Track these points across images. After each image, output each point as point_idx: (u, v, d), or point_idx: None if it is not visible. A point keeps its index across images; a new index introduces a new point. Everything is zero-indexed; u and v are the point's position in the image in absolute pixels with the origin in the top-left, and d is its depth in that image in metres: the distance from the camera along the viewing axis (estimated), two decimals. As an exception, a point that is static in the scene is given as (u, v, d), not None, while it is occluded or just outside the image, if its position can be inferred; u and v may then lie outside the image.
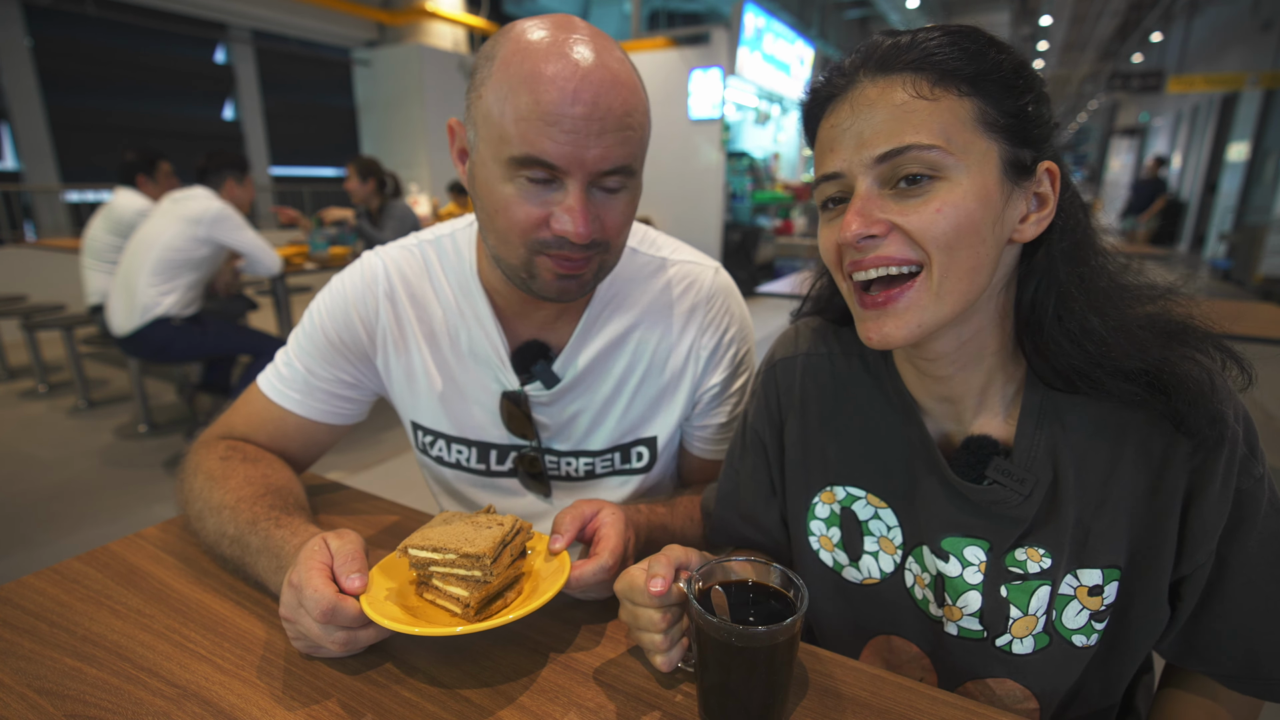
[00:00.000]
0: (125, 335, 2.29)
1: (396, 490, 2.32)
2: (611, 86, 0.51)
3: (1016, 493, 0.48)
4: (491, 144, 0.53)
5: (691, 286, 0.70)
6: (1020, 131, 0.43)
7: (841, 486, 0.57)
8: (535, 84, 0.50)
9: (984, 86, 0.42)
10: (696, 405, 0.72)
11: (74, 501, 2.19)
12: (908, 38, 0.44)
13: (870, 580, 0.56)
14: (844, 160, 0.44)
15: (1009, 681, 0.51)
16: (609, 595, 0.56)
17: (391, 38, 6.54)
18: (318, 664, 0.49)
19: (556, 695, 0.47)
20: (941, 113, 0.42)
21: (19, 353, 3.79)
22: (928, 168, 0.42)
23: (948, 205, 0.42)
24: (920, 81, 0.42)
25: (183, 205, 2.31)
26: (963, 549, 0.50)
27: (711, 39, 5.88)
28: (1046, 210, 0.45)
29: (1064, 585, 0.48)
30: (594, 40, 0.53)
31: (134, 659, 0.49)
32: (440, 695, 0.47)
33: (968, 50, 0.42)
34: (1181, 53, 9.75)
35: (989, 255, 0.44)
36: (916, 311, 0.44)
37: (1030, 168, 0.44)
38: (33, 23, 4.48)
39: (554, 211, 0.53)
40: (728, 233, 6.31)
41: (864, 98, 0.44)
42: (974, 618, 0.50)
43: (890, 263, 0.44)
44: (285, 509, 0.59)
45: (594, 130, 0.51)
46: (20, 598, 0.56)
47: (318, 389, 0.69)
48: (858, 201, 0.44)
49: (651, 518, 0.63)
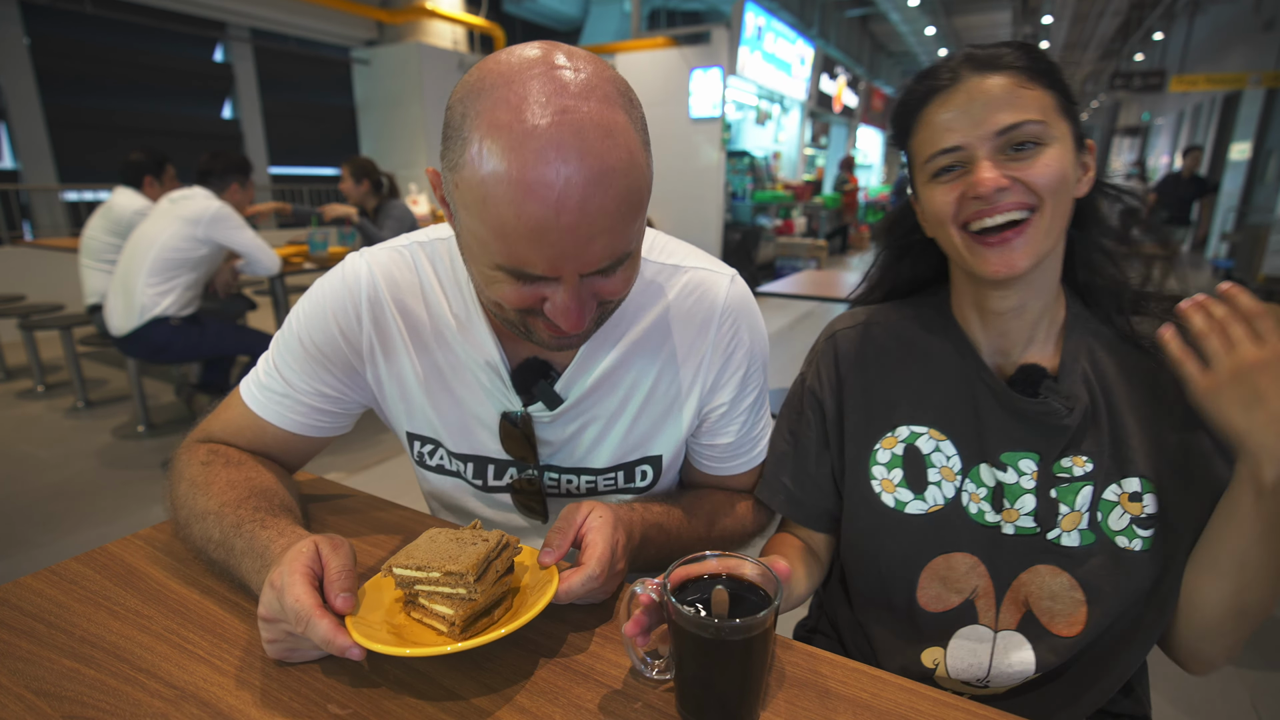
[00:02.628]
0: (123, 335, 2.29)
1: (395, 491, 2.32)
2: (603, 182, 0.44)
3: (1064, 406, 0.59)
4: (474, 238, 0.49)
5: (704, 299, 0.65)
6: (1076, 118, 0.58)
7: (905, 427, 0.66)
8: (513, 197, 0.44)
9: (1056, 84, 0.57)
10: (703, 422, 0.69)
11: (72, 502, 2.19)
12: (996, 49, 0.57)
13: (935, 508, 0.63)
14: (963, 135, 0.56)
15: (1058, 570, 0.59)
16: (605, 598, 0.56)
17: (390, 37, 6.53)
18: (317, 666, 0.49)
19: (555, 696, 0.47)
20: (1039, 98, 0.55)
21: (17, 352, 3.79)
22: (1035, 137, 0.55)
23: (1053, 161, 0.55)
24: (1020, 76, 0.56)
25: (181, 205, 2.30)
26: (1018, 460, 0.61)
27: (712, 38, 5.88)
28: (1090, 174, 0.60)
29: (1108, 492, 0.58)
30: (581, 106, 0.44)
31: (132, 660, 0.49)
32: (440, 697, 0.46)
33: (1039, 59, 0.57)
34: (1183, 52, 9.75)
35: (1071, 203, 0.58)
36: (1034, 244, 0.56)
37: (1083, 143, 0.59)
38: (30, 21, 4.47)
39: (546, 299, 0.50)
40: (728, 232, 6.31)
41: (978, 89, 0.56)
42: (1029, 516, 0.60)
43: (1017, 207, 0.56)
44: (270, 511, 0.58)
45: (584, 237, 0.46)
46: (18, 598, 0.56)
47: (299, 402, 0.65)
48: (986, 164, 0.55)
49: (646, 515, 0.62)
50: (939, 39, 12.02)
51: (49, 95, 4.60)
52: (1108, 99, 17.41)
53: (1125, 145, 15.63)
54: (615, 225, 0.47)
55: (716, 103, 5.87)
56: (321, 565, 0.48)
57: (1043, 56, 0.57)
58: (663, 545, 0.63)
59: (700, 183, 6.15)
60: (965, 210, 0.57)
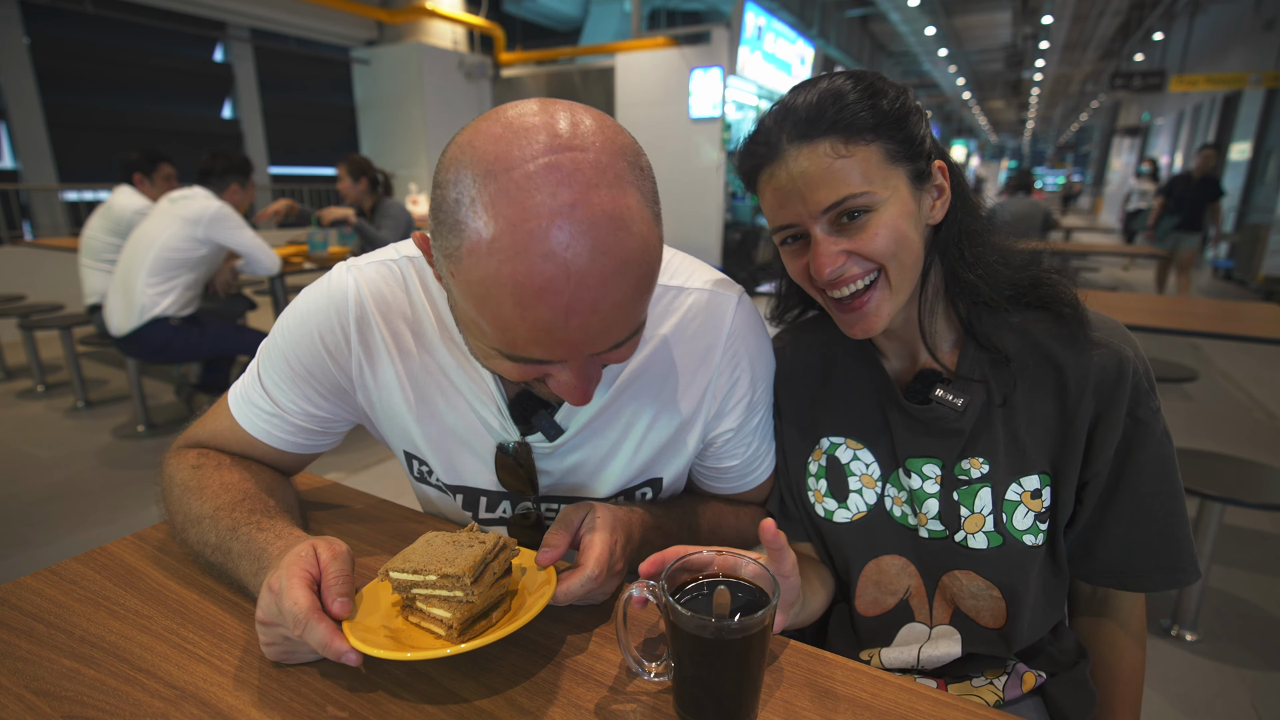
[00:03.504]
0: (123, 335, 2.29)
1: (395, 490, 2.32)
2: (616, 275, 0.41)
3: (952, 409, 0.61)
4: (471, 322, 0.45)
5: (708, 323, 0.62)
6: (913, 150, 0.56)
7: (826, 438, 0.69)
8: (519, 300, 0.40)
9: (883, 130, 0.55)
10: (708, 447, 0.67)
11: (72, 502, 2.19)
12: (815, 101, 0.55)
13: (859, 514, 0.66)
14: (796, 214, 0.57)
15: (972, 573, 0.62)
16: (604, 599, 0.56)
17: (390, 36, 6.53)
18: (316, 666, 0.49)
19: (555, 696, 0.47)
20: (861, 160, 0.54)
21: (17, 352, 3.79)
22: (860, 207, 0.55)
23: (883, 226, 0.55)
24: (837, 140, 0.54)
25: (181, 205, 2.30)
26: (921, 466, 0.63)
27: (712, 38, 5.87)
28: (945, 195, 0.60)
29: (1010, 491, 0.60)
30: (589, 196, 0.40)
31: (132, 660, 0.49)
32: (439, 697, 0.46)
33: (865, 103, 0.54)
34: (1183, 52, 9.75)
35: (920, 247, 0.58)
36: (886, 302, 0.59)
37: (928, 171, 0.58)
38: (30, 21, 4.47)
39: (550, 375, 0.47)
40: (728, 232, 6.31)
41: (795, 168, 0.55)
42: (936, 519, 0.62)
43: (856, 279, 0.58)
44: (265, 513, 0.57)
45: (595, 332, 0.43)
46: (17, 599, 0.56)
47: (287, 422, 0.63)
48: (818, 247, 0.56)
49: (646, 518, 0.61)
50: (939, 39, 12.01)
51: (49, 95, 4.60)
52: (1108, 99, 17.41)
53: (1125, 145, 15.62)
54: (629, 313, 0.44)
55: (716, 103, 5.87)
56: (319, 569, 0.48)
57: (863, 103, 0.54)
58: (661, 548, 0.63)
59: (700, 183, 6.15)
60: (817, 280, 0.58)
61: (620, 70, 6.29)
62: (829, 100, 0.54)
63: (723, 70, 5.80)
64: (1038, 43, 12.59)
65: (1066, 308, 0.60)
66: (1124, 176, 14.36)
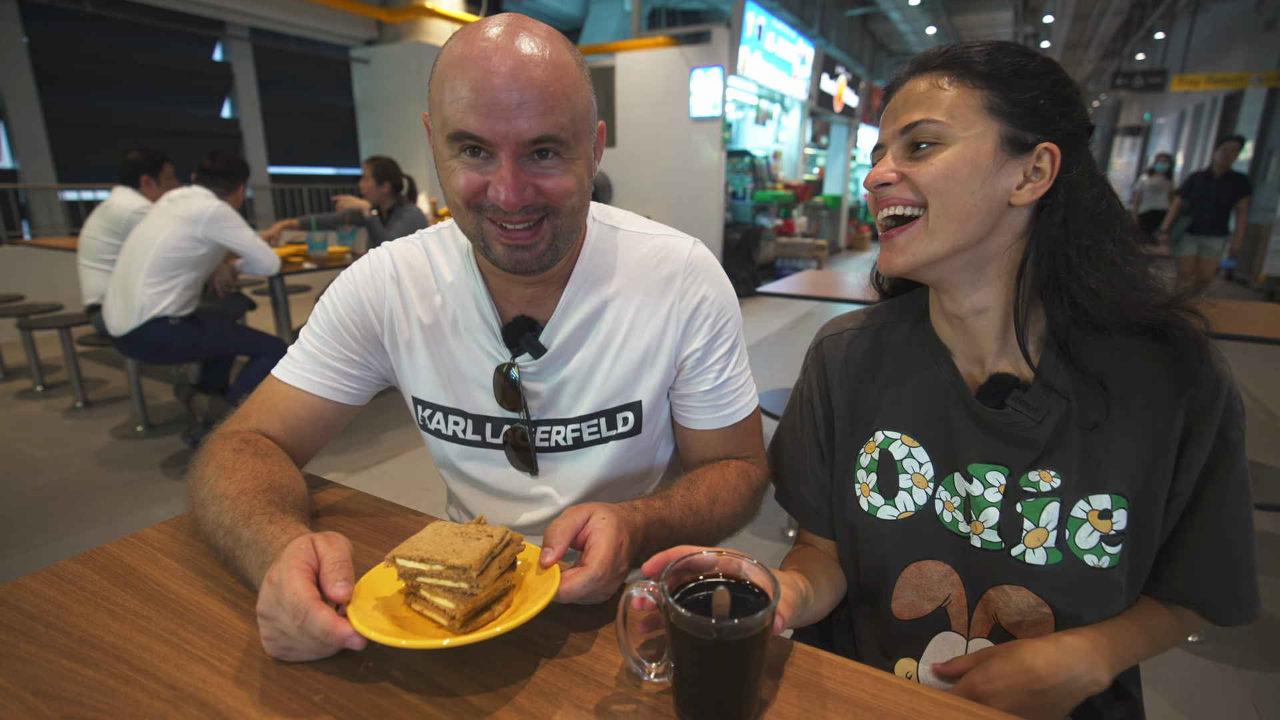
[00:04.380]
0: (122, 335, 2.29)
1: (395, 490, 2.32)
2: (532, 61, 0.56)
3: (1030, 418, 0.58)
4: (438, 127, 0.59)
5: (669, 257, 0.74)
6: (1024, 117, 0.55)
7: (881, 432, 0.66)
8: (463, 65, 0.56)
9: (994, 81, 0.55)
10: (680, 371, 0.75)
11: (71, 502, 2.18)
12: (948, 47, 0.57)
13: (905, 514, 0.64)
14: (887, 132, 0.59)
15: (1024, 589, 0.59)
16: (606, 599, 0.56)
17: (390, 36, 6.53)
18: (316, 666, 0.49)
19: (554, 696, 0.47)
20: (958, 97, 0.55)
21: (15, 352, 3.79)
22: (932, 137, 0.55)
23: (940, 161, 0.55)
24: (941, 77, 0.56)
25: (180, 205, 2.30)
26: (985, 473, 0.60)
27: (712, 37, 5.87)
28: (1044, 181, 0.56)
29: (1076, 509, 0.57)
30: (528, 29, 0.57)
31: (131, 660, 0.49)
32: (438, 697, 0.46)
33: (987, 55, 0.55)
34: (1185, 52, 9.74)
35: (977, 207, 0.55)
36: (913, 245, 0.57)
37: (1030, 145, 0.55)
38: (29, 20, 4.46)
39: (490, 181, 0.58)
40: (728, 232, 6.31)
41: (903, 90, 0.58)
42: (993, 530, 0.59)
43: (896, 202, 0.57)
44: (281, 506, 0.59)
45: (514, 102, 0.55)
46: (16, 599, 0.56)
47: (328, 367, 0.73)
48: (884, 160, 0.58)
49: (649, 513, 0.63)
50: (940, 38, 12.01)
51: (48, 94, 4.60)
52: (1109, 99, 17.41)
53: (1126, 145, 15.62)
54: (541, 100, 0.56)
55: (717, 102, 5.87)
56: (318, 560, 0.49)
57: (985, 53, 0.55)
58: (667, 540, 0.64)
59: (700, 182, 6.15)
60: (865, 184, 0.60)
61: (620, 70, 6.28)
62: (963, 46, 0.57)
63: (723, 70, 5.80)
64: (1039, 42, 12.58)
65: (1192, 345, 0.54)
66: (1126, 175, 14.35)
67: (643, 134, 6.30)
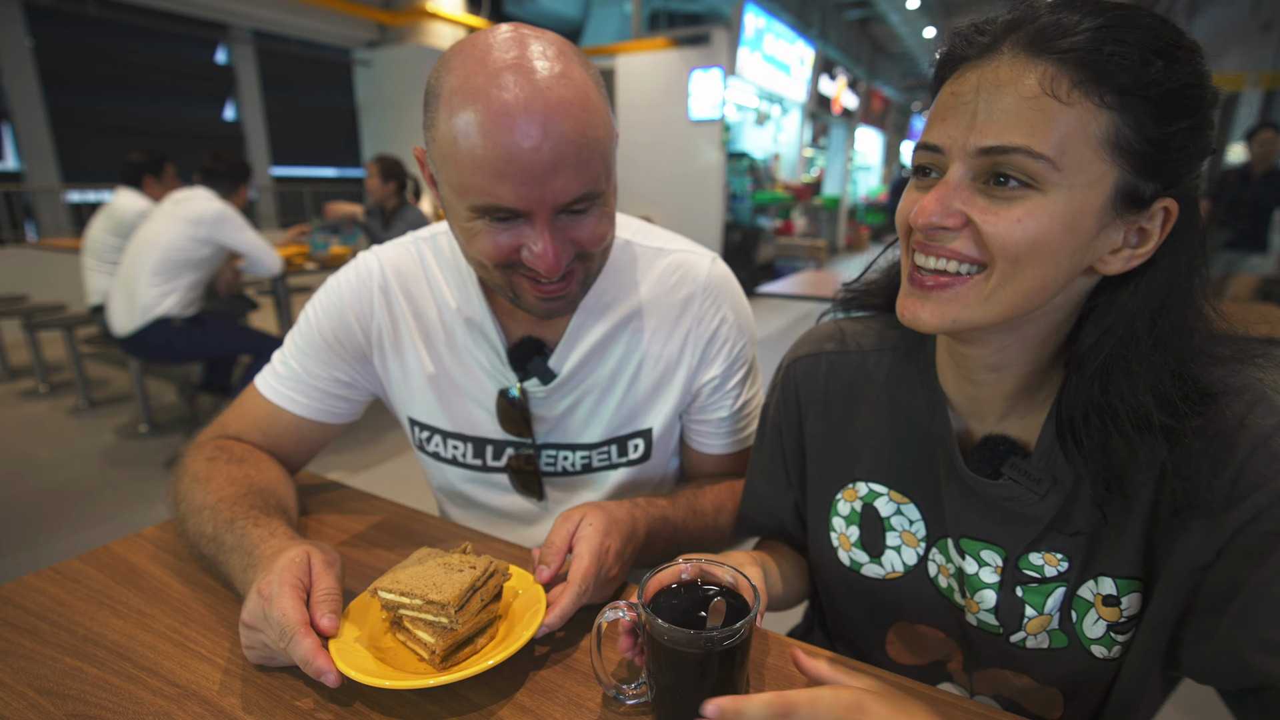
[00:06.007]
0: (126, 335, 2.30)
1: (396, 490, 2.32)
2: (560, 111, 0.49)
3: (1032, 492, 0.47)
4: (452, 188, 0.52)
5: (687, 276, 0.69)
6: (1153, 162, 0.39)
7: (864, 483, 0.57)
8: (482, 127, 0.48)
9: (1131, 103, 0.37)
10: (696, 399, 0.71)
11: (75, 501, 2.19)
12: (1072, 16, 0.38)
13: (893, 574, 0.56)
14: (949, 136, 0.41)
15: (1025, 676, 0.52)
16: (606, 599, 0.56)
17: (392, 38, 6.54)
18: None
19: (555, 695, 0.47)
20: (1068, 121, 0.37)
21: (20, 353, 3.80)
22: (1027, 175, 0.38)
23: (1030, 218, 0.39)
24: (1060, 78, 0.37)
25: (184, 206, 2.31)
26: (979, 550, 0.51)
27: (712, 39, 5.88)
28: (1145, 249, 0.41)
29: (1084, 589, 0.48)
30: (538, 58, 0.49)
31: (134, 658, 0.49)
32: (440, 694, 0.47)
33: (1132, 54, 0.37)
34: (1183, 53, 9.72)
35: (1057, 280, 0.41)
36: (958, 307, 0.42)
37: (1147, 202, 0.40)
38: (34, 23, 4.48)
39: (523, 246, 0.53)
40: (728, 233, 6.31)
41: (994, 77, 0.39)
42: (990, 613, 0.51)
43: (955, 258, 0.42)
44: (265, 510, 0.58)
45: (548, 165, 0.49)
46: (21, 597, 0.56)
47: (313, 388, 0.69)
48: (943, 188, 0.41)
49: (650, 510, 0.61)
50: (939, 40, 11.97)
51: (52, 96, 4.61)
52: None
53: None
54: (578, 156, 0.50)
55: (716, 104, 5.87)
56: (310, 580, 0.48)
57: (1146, 50, 0.37)
58: (669, 538, 0.63)
59: (700, 184, 6.15)
60: (915, 233, 0.44)
61: (621, 71, 6.29)
62: (1091, 18, 0.38)
63: (723, 71, 5.80)
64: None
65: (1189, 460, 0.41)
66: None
67: (643, 136, 6.30)
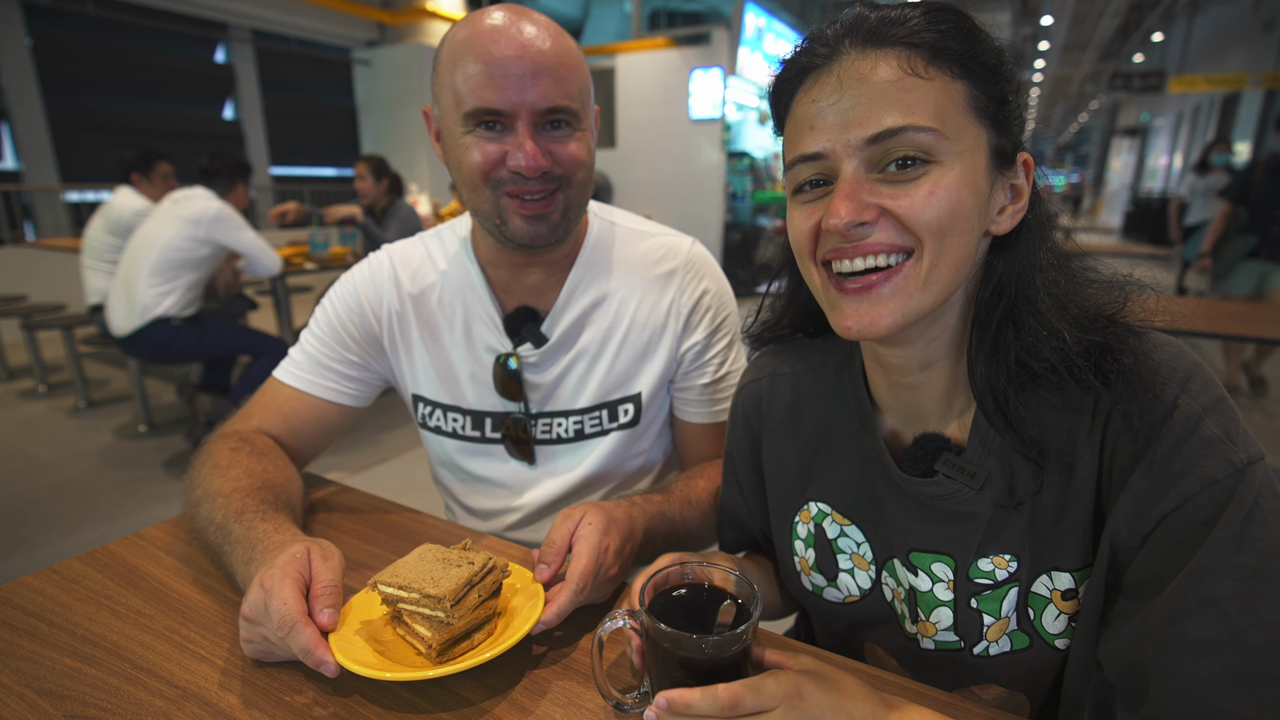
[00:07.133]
0: (125, 335, 2.29)
1: (396, 490, 2.32)
2: (539, 38, 0.60)
3: (966, 485, 0.46)
4: (450, 109, 0.62)
5: (669, 254, 0.76)
6: (1004, 119, 0.42)
7: (815, 503, 0.56)
8: (472, 45, 0.59)
9: (974, 70, 0.41)
10: (680, 365, 0.76)
11: (74, 502, 2.19)
12: (896, 11, 0.42)
13: (851, 598, 0.55)
14: (828, 139, 0.41)
15: (993, 686, 0.51)
16: (604, 600, 0.56)
17: (392, 37, 6.54)
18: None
19: (555, 694, 0.47)
20: (936, 93, 0.40)
21: (19, 353, 3.80)
22: (921, 151, 0.39)
23: (940, 189, 0.39)
24: (915, 58, 0.40)
25: (183, 206, 2.31)
26: (930, 564, 0.49)
27: (712, 39, 5.88)
28: (1021, 203, 0.44)
29: (1038, 585, 0.46)
30: (528, 14, 0.61)
31: (133, 659, 0.49)
32: (439, 694, 0.47)
33: (960, 30, 0.41)
34: (1183, 53, 9.76)
35: (973, 245, 0.42)
36: (902, 299, 0.41)
37: (1011, 157, 0.43)
38: (33, 22, 4.48)
39: (508, 151, 0.61)
40: (728, 233, 6.31)
41: (853, 71, 0.40)
42: (949, 631, 0.49)
43: (881, 250, 0.41)
44: (274, 505, 0.59)
45: (528, 71, 0.59)
46: (20, 598, 0.56)
47: (328, 369, 0.74)
48: (845, 186, 0.40)
49: (647, 507, 0.62)
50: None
51: (51, 96, 4.61)
52: (1107, 100, 17.42)
53: (1125, 146, 15.61)
54: (555, 70, 0.60)
55: (717, 103, 5.87)
56: (311, 574, 0.49)
57: (963, 26, 0.40)
58: (668, 534, 0.64)
59: (700, 183, 6.15)
60: (825, 245, 0.43)
61: (621, 71, 6.29)
62: (914, 10, 0.41)
63: (723, 71, 5.80)
64: (1037, 43, 12.59)
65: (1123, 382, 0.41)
66: (1125, 178, 14.31)
67: (643, 135, 6.31)
